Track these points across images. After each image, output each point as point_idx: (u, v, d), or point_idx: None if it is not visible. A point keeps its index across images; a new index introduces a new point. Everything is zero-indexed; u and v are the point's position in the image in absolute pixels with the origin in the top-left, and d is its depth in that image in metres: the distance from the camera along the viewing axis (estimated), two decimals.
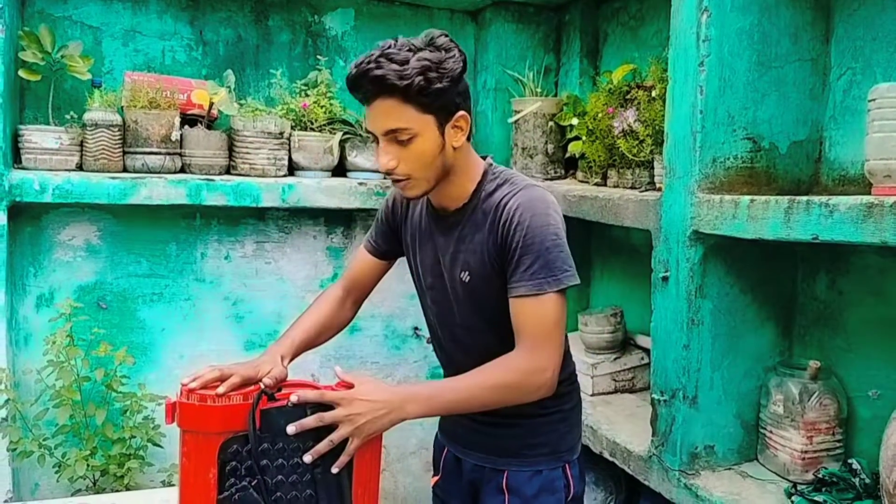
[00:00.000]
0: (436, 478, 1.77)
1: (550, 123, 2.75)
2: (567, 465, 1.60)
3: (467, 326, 1.56)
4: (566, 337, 1.53)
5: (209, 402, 1.32)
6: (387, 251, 1.74)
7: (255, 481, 1.32)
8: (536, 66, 2.92)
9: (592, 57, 2.89)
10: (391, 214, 1.71)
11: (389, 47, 1.39)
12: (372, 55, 1.37)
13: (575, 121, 2.61)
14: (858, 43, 1.85)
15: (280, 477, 1.35)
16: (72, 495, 2.24)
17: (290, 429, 1.32)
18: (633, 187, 2.36)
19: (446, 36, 1.46)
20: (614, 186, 2.47)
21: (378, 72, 1.35)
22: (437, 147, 1.42)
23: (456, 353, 1.62)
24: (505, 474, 1.58)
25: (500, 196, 1.48)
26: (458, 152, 1.48)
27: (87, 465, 2.20)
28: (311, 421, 1.32)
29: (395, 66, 1.35)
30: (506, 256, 1.45)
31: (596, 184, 2.58)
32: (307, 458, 1.32)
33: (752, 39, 1.83)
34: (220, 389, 1.34)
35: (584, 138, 2.57)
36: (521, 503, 1.56)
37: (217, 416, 1.32)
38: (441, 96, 1.38)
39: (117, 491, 2.20)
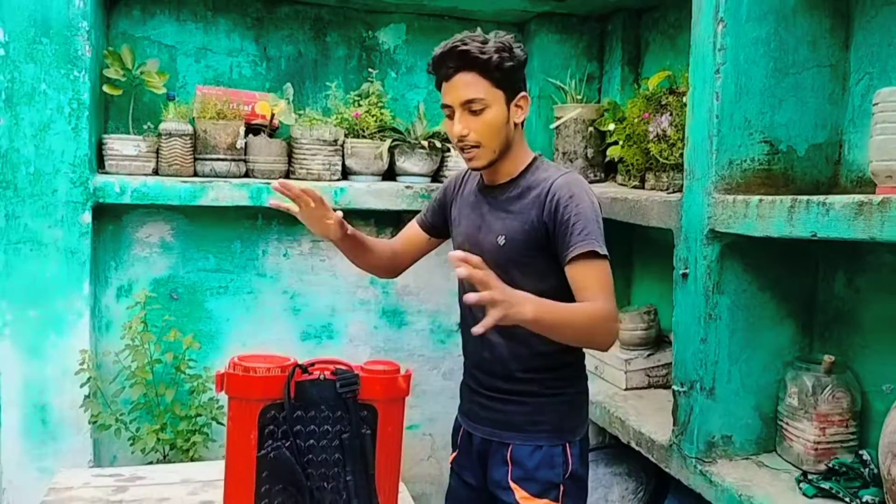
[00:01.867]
0: (453, 454, 1.93)
1: (590, 129, 2.87)
2: (568, 445, 1.74)
3: None
4: None
5: (251, 373, 1.51)
6: (433, 226, 1.98)
7: (289, 443, 1.50)
8: (579, 75, 3.05)
9: (634, 64, 2.99)
10: (445, 192, 1.95)
11: (466, 35, 1.64)
12: (456, 38, 1.63)
13: (612, 126, 2.73)
14: (875, 49, 1.92)
15: (312, 441, 1.53)
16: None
17: (471, 298, 1.36)
18: (668, 190, 2.46)
19: (510, 36, 1.69)
20: (651, 189, 2.57)
21: (463, 47, 1.60)
22: (503, 119, 1.66)
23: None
24: (510, 447, 1.74)
25: (548, 177, 1.69)
26: (516, 131, 1.71)
27: (158, 439, 2.45)
28: (478, 294, 1.36)
29: (477, 44, 1.61)
30: (554, 228, 1.63)
31: (634, 186, 2.68)
32: (478, 329, 1.36)
33: (768, 47, 1.92)
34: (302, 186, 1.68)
35: (621, 143, 2.68)
36: (523, 474, 1.71)
37: (258, 386, 1.51)
38: (512, 74, 1.64)
39: (183, 462, 2.44)
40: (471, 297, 1.37)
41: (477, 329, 1.37)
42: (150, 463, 2.50)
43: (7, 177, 2.45)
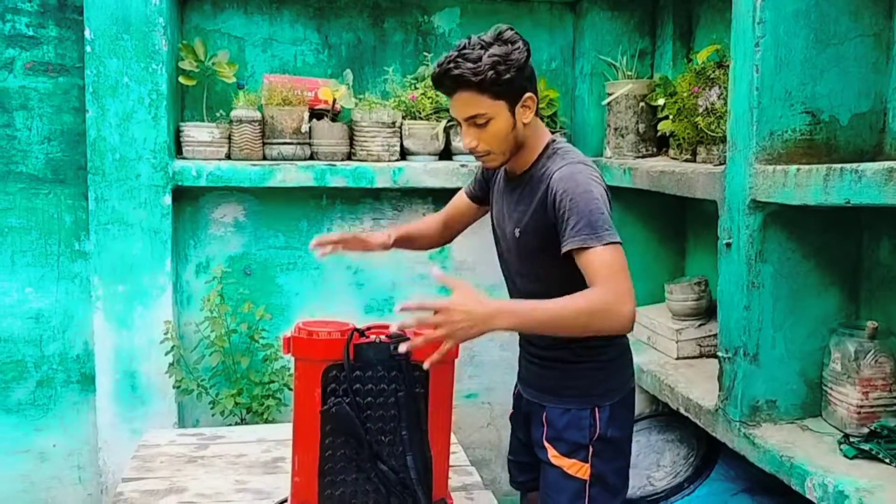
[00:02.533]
0: (511, 411, 2.07)
1: (642, 104, 2.92)
2: (596, 409, 1.82)
3: (522, 274, 1.87)
4: None
5: (314, 336, 1.67)
6: (478, 196, 2.09)
7: (349, 400, 1.65)
8: (631, 51, 3.09)
9: (685, 39, 3.02)
10: (486, 171, 2.04)
11: (464, 47, 1.68)
12: (450, 56, 1.67)
13: (662, 101, 2.77)
14: None
15: (370, 398, 1.68)
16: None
17: (402, 348, 1.55)
18: (718, 162, 2.50)
19: (512, 30, 1.73)
20: (702, 162, 2.61)
21: (456, 71, 1.64)
22: (509, 126, 1.71)
23: (520, 295, 1.89)
24: (545, 409, 1.86)
25: (551, 168, 1.74)
26: (527, 128, 1.77)
27: (235, 403, 2.66)
28: (417, 341, 1.56)
29: (469, 65, 1.64)
30: (556, 221, 1.69)
31: (686, 160, 2.72)
32: (402, 348, 1.56)
33: (808, 19, 1.95)
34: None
35: (672, 117, 2.72)
36: (554, 434, 1.84)
37: (320, 348, 1.66)
38: (510, 84, 1.67)
39: (258, 424, 2.65)
40: (402, 348, 1.57)
41: (425, 364, 1.55)
42: (230, 425, 2.71)
43: (96, 163, 2.69)
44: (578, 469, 1.81)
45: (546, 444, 1.86)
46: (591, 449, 1.82)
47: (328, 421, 1.66)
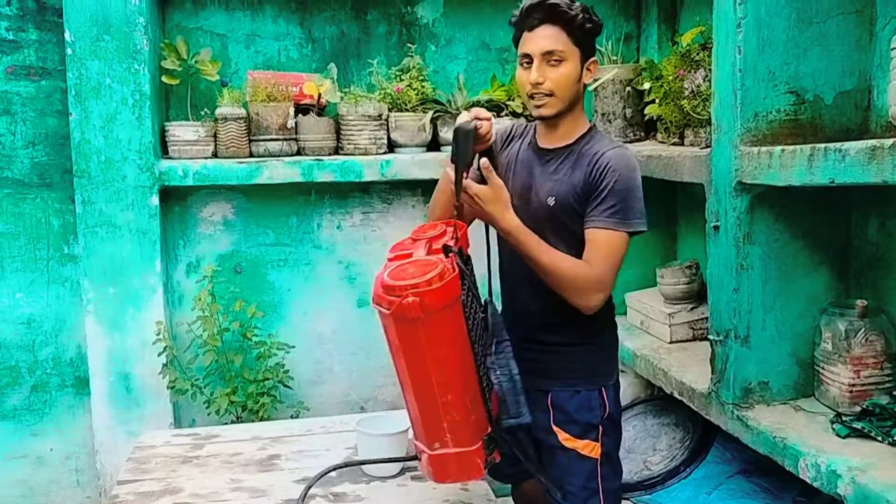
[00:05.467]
0: None
1: (628, 89, 2.91)
2: (603, 389, 1.85)
3: None
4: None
5: (439, 282, 1.44)
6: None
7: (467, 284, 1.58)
8: (616, 35, 3.08)
9: (670, 22, 3.01)
10: (495, 143, 1.98)
11: None
12: None
13: (648, 85, 2.76)
14: None
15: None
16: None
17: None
18: (704, 145, 2.49)
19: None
20: (690, 145, 2.61)
21: (554, 0, 1.74)
22: (576, 75, 1.79)
23: (519, 279, 1.90)
24: (549, 395, 1.85)
25: (600, 148, 1.80)
26: (581, 97, 1.84)
27: (230, 402, 2.66)
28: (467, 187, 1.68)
29: (566, 2, 1.75)
30: (591, 195, 1.75)
31: (673, 143, 2.72)
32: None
33: None
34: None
35: (658, 101, 2.72)
36: (564, 418, 1.84)
37: (452, 288, 1.47)
38: (590, 35, 1.80)
39: (254, 422, 2.64)
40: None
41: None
42: (226, 424, 2.71)
43: (81, 166, 2.67)
44: (592, 449, 1.86)
45: (555, 429, 1.87)
46: (601, 428, 1.86)
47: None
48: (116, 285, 2.74)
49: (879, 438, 1.78)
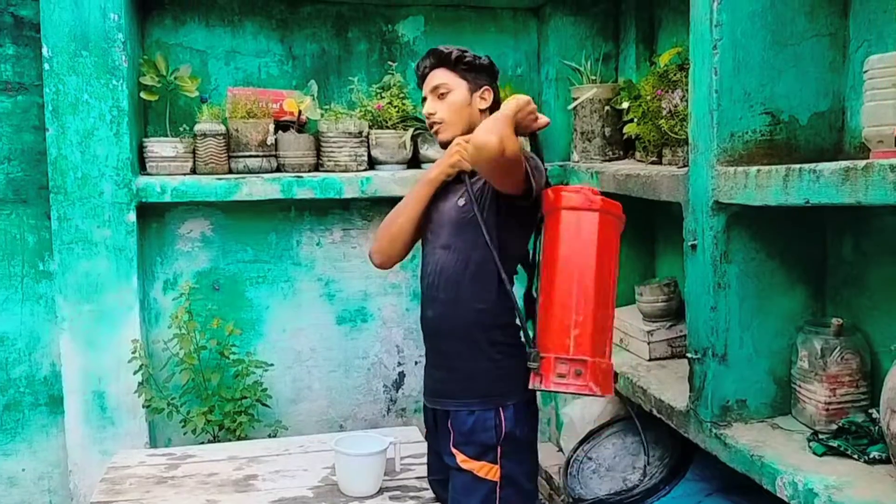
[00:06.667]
0: (426, 430, 2.08)
1: (607, 108, 2.94)
2: (501, 408, 1.84)
3: (442, 244, 1.91)
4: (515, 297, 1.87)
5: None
6: None
7: None
8: (595, 55, 3.11)
9: (648, 42, 3.04)
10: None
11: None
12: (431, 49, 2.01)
13: (627, 104, 2.79)
14: (872, 16, 1.95)
15: None
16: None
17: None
18: (682, 164, 2.52)
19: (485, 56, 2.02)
20: (668, 164, 2.63)
21: (437, 49, 1.98)
22: (465, 101, 1.95)
23: (429, 290, 1.94)
24: (450, 415, 1.87)
25: None
26: (482, 117, 1.92)
27: (207, 421, 2.62)
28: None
29: (447, 48, 1.97)
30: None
31: (652, 162, 2.74)
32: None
33: (765, 21, 1.97)
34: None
35: (637, 120, 2.74)
36: (462, 439, 1.85)
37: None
38: (473, 68, 1.96)
39: (231, 441, 2.61)
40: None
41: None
42: (202, 443, 2.68)
43: (57, 182, 2.65)
44: (488, 471, 1.84)
45: (454, 450, 1.86)
46: (499, 449, 1.84)
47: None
48: (92, 302, 2.70)
49: (855, 456, 1.79)
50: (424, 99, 2.02)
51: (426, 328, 1.98)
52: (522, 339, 1.89)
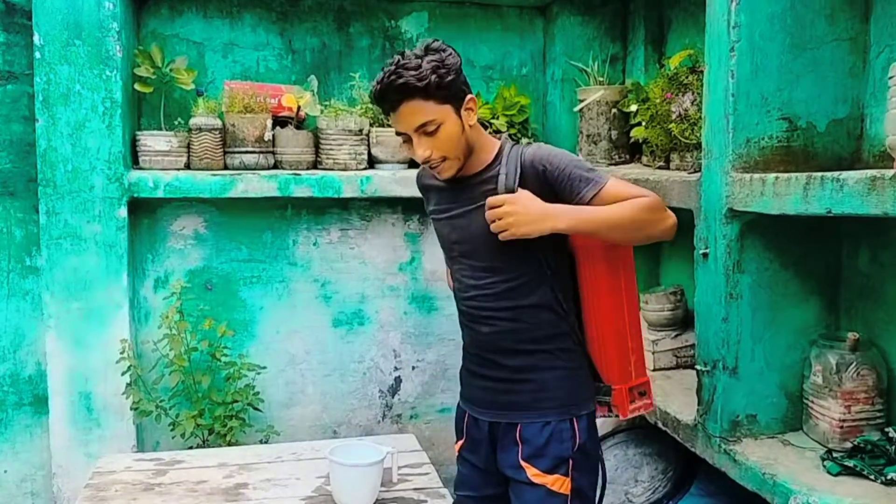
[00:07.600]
0: (460, 442, 1.95)
1: (614, 111, 2.87)
2: (575, 419, 1.76)
3: (485, 267, 1.77)
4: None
5: None
6: None
7: None
8: (602, 56, 3.04)
9: (657, 44, 2.97)
10: (422, 192, 1.99)
11: (399, 60, 1.66)
12: (389, 70, 1.66)
13: (635, 107, 2.72)
14: (894, 20, 1.88)
15: None
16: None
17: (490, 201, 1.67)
18: (692, 170, 2.45)
19: (438, 41, 1.72)
20: (676, 169, 2.56)
21: (400, 81, 1.63)
22: (459, 129, 1.70)
23: (482, 300, 1.79)
24: (518, 427, 1.77)
25: (517, 154, 1.74)
26: (473, 130, 1.75)
27: (196, 424, 2.54)
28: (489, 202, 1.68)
29: (412, 73, 1.63)
30: (557, 186, 1.70)
31: (659, 167, 2.67)
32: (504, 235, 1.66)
33: (784, 23, 1.90)
34: None
35: (645, 124, 2.67)
36: (533, 452, 1.75)
37: None
38: (452, 86, 1.67)
39: (221, 447, 2.53)
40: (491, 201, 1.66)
41: (504, 235, 1.64)
42: (191, 448, 2.59)
43: (46, 175, 2.56)
44: (561, 484, 1.76)
45: (523, 464, 1.77)
46: (571, 462, 1.76)
47: None
48: (80, 300, 2.62)
49: (872, 477, 1.73)
50: (402, 135, 1.72)
51: (479, 345, 1.84)
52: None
